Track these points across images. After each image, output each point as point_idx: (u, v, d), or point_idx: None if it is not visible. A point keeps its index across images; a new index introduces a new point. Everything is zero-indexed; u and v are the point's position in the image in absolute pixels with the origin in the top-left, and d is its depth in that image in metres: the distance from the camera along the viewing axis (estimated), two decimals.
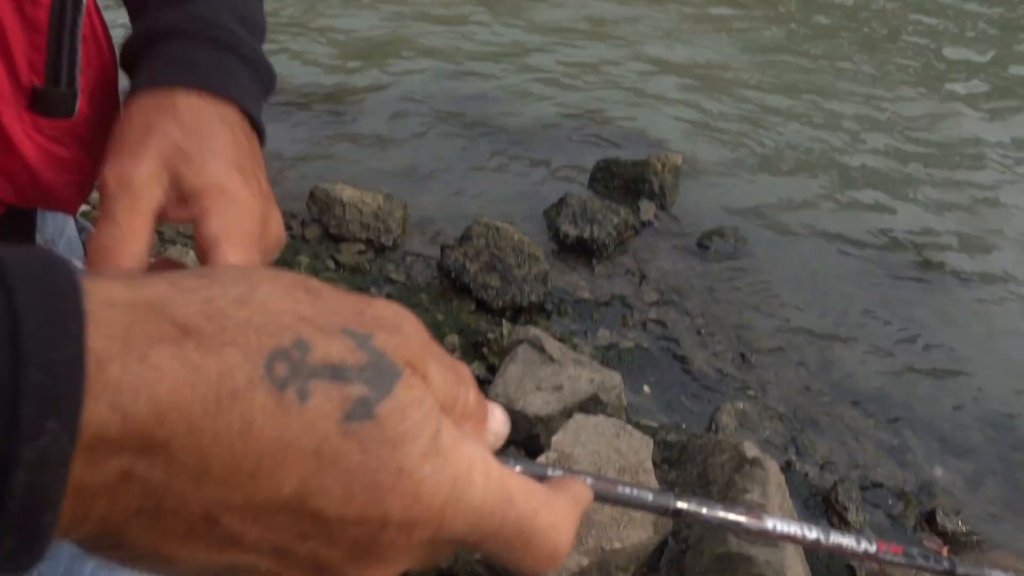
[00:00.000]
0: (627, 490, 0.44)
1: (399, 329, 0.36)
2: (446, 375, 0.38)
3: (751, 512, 0.48)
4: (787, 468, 3.83)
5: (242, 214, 0.56)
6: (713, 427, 3.96)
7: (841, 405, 4.36)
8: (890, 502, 3.76)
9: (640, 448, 3.17)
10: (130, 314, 0.29)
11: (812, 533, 0.48)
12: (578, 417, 3.28)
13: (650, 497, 0.45)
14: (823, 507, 3.60)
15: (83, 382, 0.26)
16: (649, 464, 3.12)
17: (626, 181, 6.00)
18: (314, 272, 4.76)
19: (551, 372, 3.64)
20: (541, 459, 3.08)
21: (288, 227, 5.29)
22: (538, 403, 3.49)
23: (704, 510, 0.46)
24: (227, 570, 0.34)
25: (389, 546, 0.34)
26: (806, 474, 3.83)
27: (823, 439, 4.12)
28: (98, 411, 0.27)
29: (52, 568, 0.93)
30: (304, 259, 4.84)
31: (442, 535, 0.35)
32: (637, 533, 2.86)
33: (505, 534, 0.36)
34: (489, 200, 5.83)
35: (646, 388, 4.26)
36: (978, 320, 5.17)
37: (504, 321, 4.45)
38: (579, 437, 3.18)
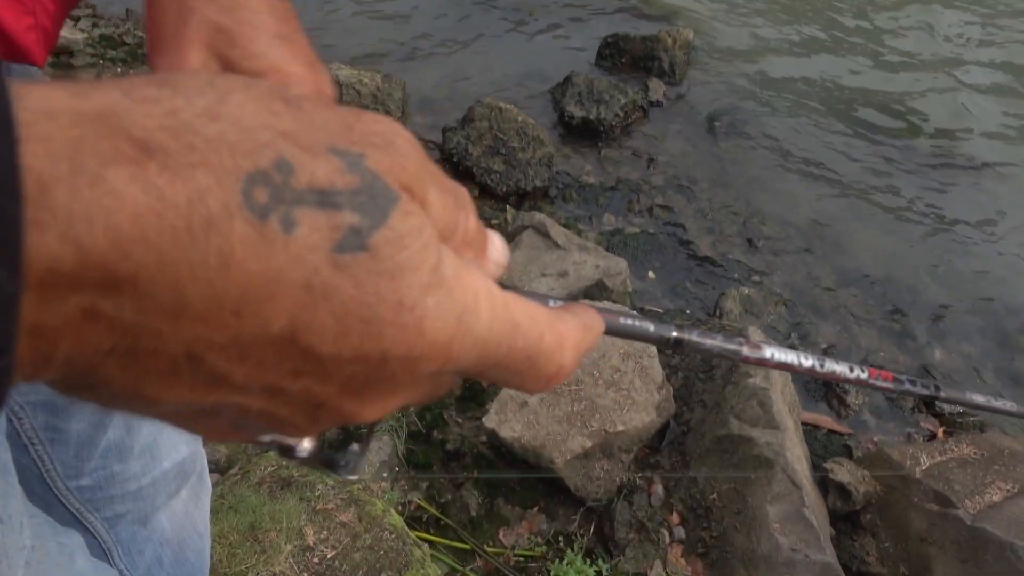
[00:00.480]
0: (630, 322, 0.45)
1: (394, 147, 0.32)
2: (445, 199, 0.35)
3: (750, 342, 0.49)
4: None
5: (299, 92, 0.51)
6: (718, 312, 3.97)
7: (845, 290, 4.36)
8: None
9: None
10: (76, 127, 0.25)
11: (808, 361, 0.50)
12: (583, 303, 3.27)
13: (651, 328, 0.45)
14: (823, 391, 3.66)
15: (22, 209, 0.22)
16: (653, 349, 3.14)
17: (635, 58, 5.74)
18: None
19: (556, 258, 3.60)
20: None
21: None
22: (543, 289, 3.48)
23: (703, 340, 0.47)
24: (216, 409, 0.32)
25: (389, 381, 0.32)
26: None
27: (826, 324, 4.14)
28: (45, 243, 0.23)
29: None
30: None
31: (447, 368, 0.33)
32: (640, 416, 2.91)
33: (511, 361, 0.35)
34: (492, 79, 5.60)
35: (651, 274, 4.24)
36: (986, 207, 5.08)
37: (508, 206, 4.38)
38: None
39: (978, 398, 0.72)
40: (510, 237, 3.86)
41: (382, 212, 0.30)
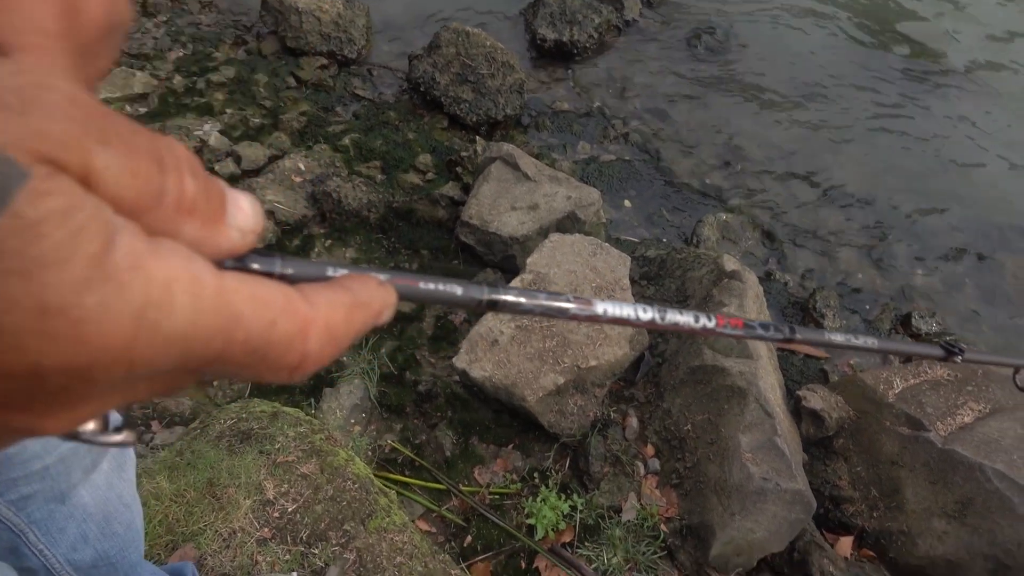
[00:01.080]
0: (431, 285, 0.39)
1: (34, 106, 0.25)
2: (134, 163, 0.27)
3: (579, 299, 0.46)
4: (767, 278, 3.82)
5: None
6: (695, 240, 3.89)
7: (826, 211, 4.27)
8: (867, 307, 3.78)
9: (617, 266, 3.11)
10: None
11: (647, 314, 0.47)
12: (554, 236, 3.18)
13: (459, 291, 0.40)
14: (800, 315, 3.62)
15: None
16: (626, 281, 3.07)
17: None
18: (274, 92, 4.45)
19: (526, 191, 3.49)
20: (516, 282, 3.03)
21: (243, 41, 4.88)
22: (513, 223, 3.38)
23: (522, 299, 0.43)
24: None
25: (61, 392, 0.27)
26: (786, 283, 3.81)
27: (805, 247, 4.07)
28: None
29: None
30: (261, 76, 4.49)
31: (140, 372, 0.27)
32: (612, 350, 2.87)
33: (232, 355, 0.30)
34: (459, 2, 5.34)
35: (627, 202, 4.14)
36: (968, 124, 4.95)
37: (478, 137, 4.23)
38: (555, 257, 3.10)
39: (836, 337, 0.72)
40: (479, 170, 3.73)
41: (0, 196, 0.23)
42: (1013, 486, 2.17)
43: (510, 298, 0.43)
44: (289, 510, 1.93)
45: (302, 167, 3.90)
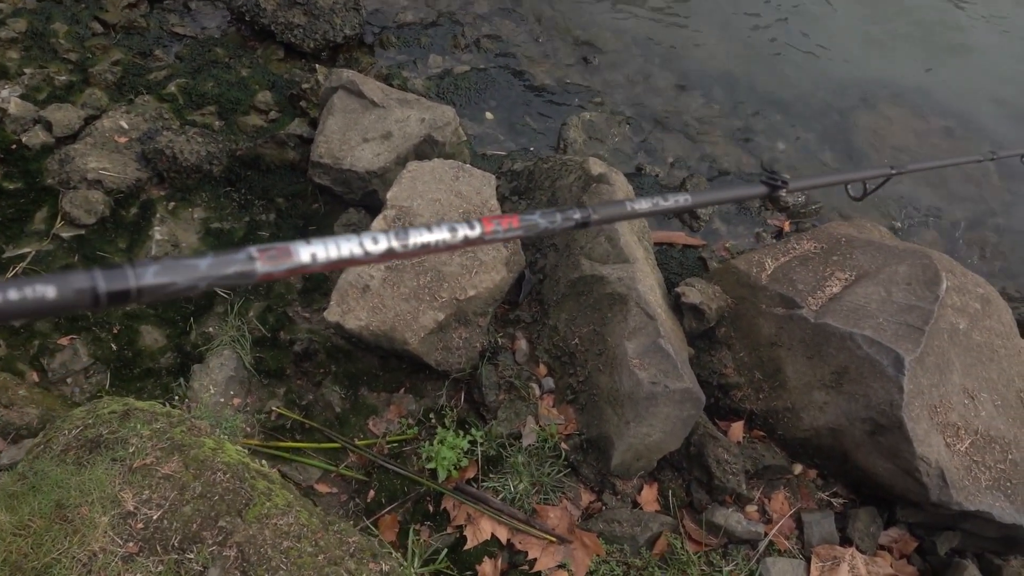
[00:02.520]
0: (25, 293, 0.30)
1: None
2: None
3: (268, 250, 0.38)
4: (637, 173, 3.77)
5: None
6: (562, 145, 3.78)
7: (687, 96, 4.23)
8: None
9: (482, 187, 2.97)
10: None
11: (377, 245, 0.40)
12: (412, 165, 2.99)
13: (67, 292, 0.31)
14: None
15: None
16: (494, 202, 2.94)
17: None
18: (78, 41, 3.92)
19: (376, 119, 3.25)
20: (379, 219, 2.84)
21: None
22: (368, 157, 3.15)
23: (168, 281, 0.35)
24: None
25: None
26: (656, 175, 3.78)
27: (671, 135, 4.04)
28: None
29: None
30: (60, 26, 3.93)
31: None
32: (490, 276, 2.76)
33: None
34: None
35: (488, 114, 3.96)
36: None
37: (318, 66, 3.89)
38: (416, 187, 2.92)
39: (641, 205, 0.71)
40: (322, 102, 3.44)
41: None
42: (881, 349, 2.25)
43: (148, 282, 0.34)
44: (154, 518, 1.76)
45: (125, 125, 3.48)
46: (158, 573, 1.69)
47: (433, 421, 2.74)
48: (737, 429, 2.58)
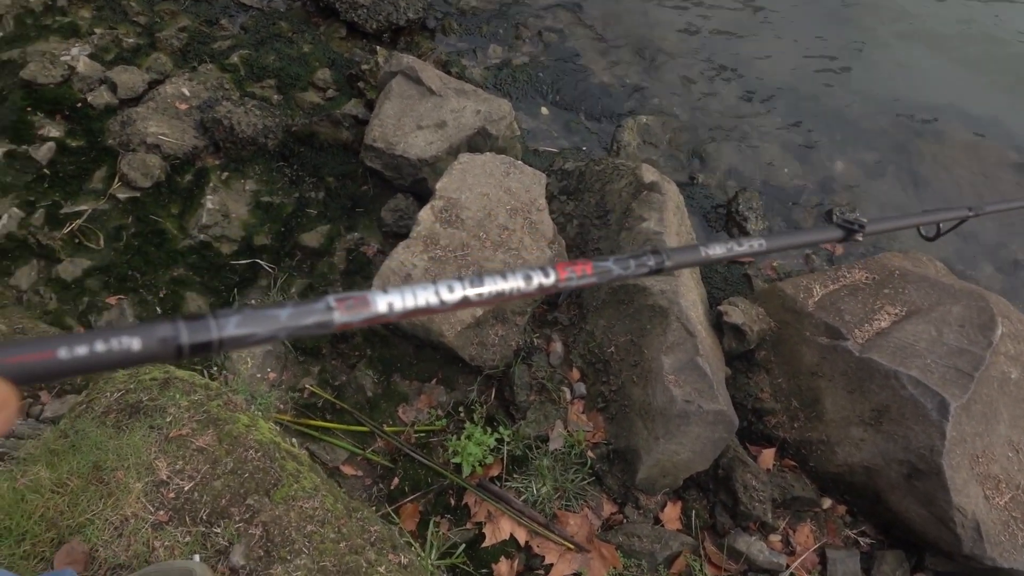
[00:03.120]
0: (84, 349, 0.29)
1: None
2: None
3: (343, 299, 0.38)
4: (690, 183, 3.71)
5: None
6: (615, 147, 3.73)
7: (748, 107, 4.15)
8: (790, 205, 3.73)
9: (532, 185, 2.95)
10: None
11: (453, 294, 0.41)
12: (464, 157, 2.98)
13: (136, 345, 0.31)
14: (723, 220, 3.55)
15: None
16: (542, 201, 2.92)
17: None
18: (148, 5, 3.98)
19: (432, 107, 3.24)
20: (426, 209, 2.84)
21: None
22: (420, 144, 3.15)
23: (254, 330, 0.35)
24: None
25: None
26: (708, 186, 3.72)
27: (727, 145, 3.96)
28: None
29: None
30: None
31: None
32: None
33: None
34: None
35: (544, 109, 3.93)
36: (891, 9, 4.82)
37: (379, 47, 3.90)
38: (466, 180, 2.91)
39: (716, 251, 0.67)
40: (380, 86, 3.45)
41: None
42: (927, 392, 2.19)
43: (230, 333, 0.34)
44: (185, 489, 1.80)
45: (187, 92, 3.54)
46: (185, 543, 1.72)
47: (462, 415, 2.75)
48: (768, 456, 2.53)
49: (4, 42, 3.64)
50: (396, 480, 2.62)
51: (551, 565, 2.37)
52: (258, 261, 3.08)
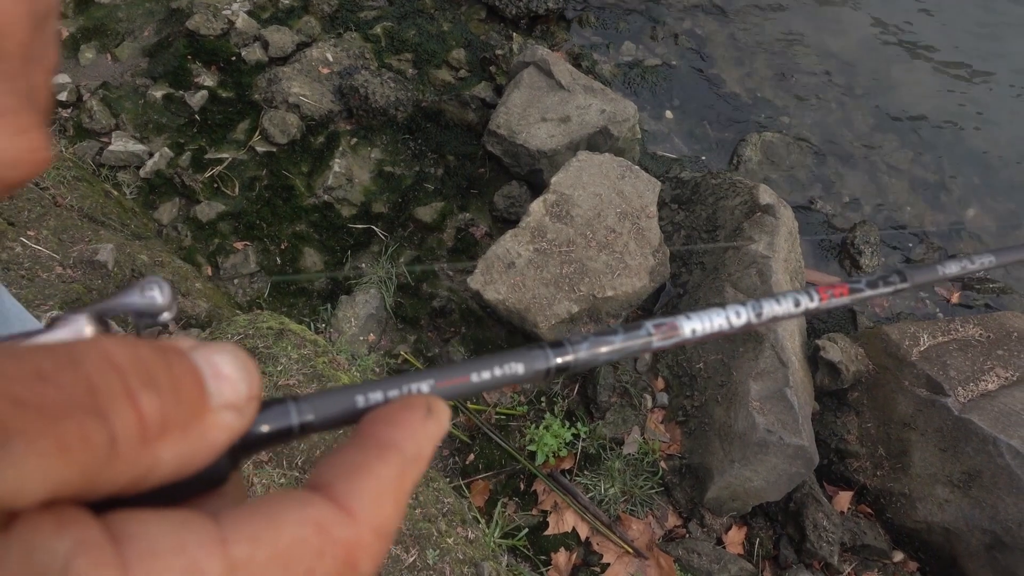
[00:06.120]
0: (486, 374, 0.33)
1: None
2: (59, 434, 0.20)
3: (660, 326, 0.40)
4: (808, 207, 3.63)
5: None
6: (735, 161, 3.69)
7: (881, 136, 3.99)
8: (910, 245, 3.59)
9: (645, 191, 2.97)
10: None
11: (740, 318, 0.42)
12: (582, 155, 3.04)
13: (520, 370, 0.35)
14: (836, 249, 3.46)
15: None
16: (653, 208, 2.94)
17: None
18: None
19: (558, 100, 3.30)
20: (538, 201, 2.92)
21: None
22: (541, 136, 3.22)
23: (597, 350, 0.37)
24: None
25: None
26: (827, 214, 3.63)
27: (854, 173, 3.83)
28: None
29: None
30: None
31: None
32: (631, 282, 2.79)
33: None
34: None
35: (668, 113, 3.91)
36: None
37: (515, 34, 3.98)
38: (580, 178, 2.97)
39: (951, 269, 0.64)
40: (512, 73, 3.53)
41: None
42: None
43: (582, 355, 0.37)
44: None
45: (330, 57, 3.73)
46: (279, 484, 1.89)
47: (543, 405, 2.84)
48: (844, 499, 2.50)
49: None
50: (472, 456, 2.74)
51: (608, 564, 2.43)
52: (374, 228, 3.25)
